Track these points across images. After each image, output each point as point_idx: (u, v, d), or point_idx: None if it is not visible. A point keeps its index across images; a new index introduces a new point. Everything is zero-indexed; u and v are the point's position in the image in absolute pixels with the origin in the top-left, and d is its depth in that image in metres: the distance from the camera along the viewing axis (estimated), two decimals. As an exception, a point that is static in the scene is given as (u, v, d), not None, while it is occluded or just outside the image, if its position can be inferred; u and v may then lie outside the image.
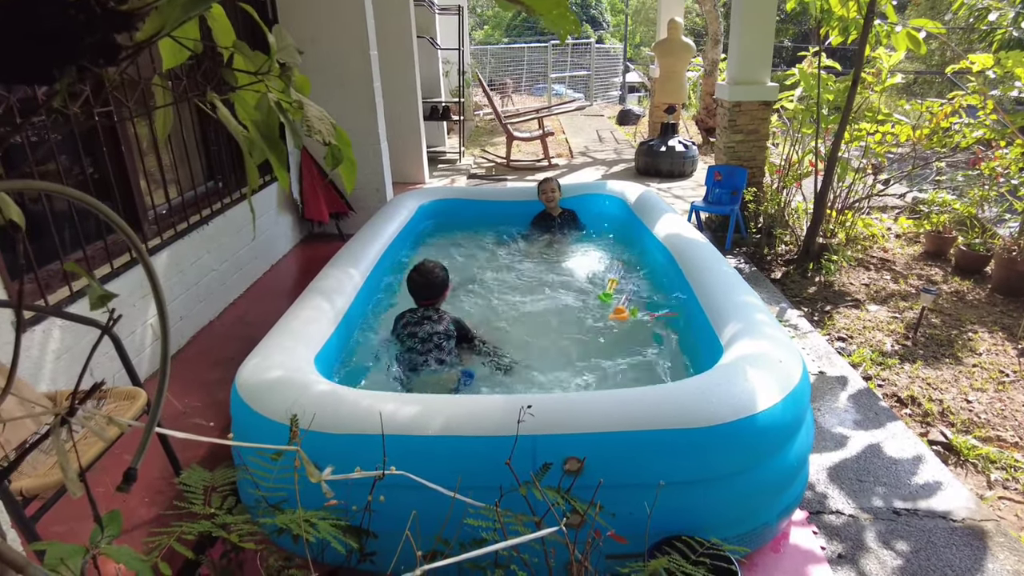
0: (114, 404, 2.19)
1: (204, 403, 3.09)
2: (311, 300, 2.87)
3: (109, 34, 0.89)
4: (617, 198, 4.87)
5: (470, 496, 1.81)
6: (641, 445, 1.87)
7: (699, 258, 3.30)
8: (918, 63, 15.57)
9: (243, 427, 2.22)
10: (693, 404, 1.93)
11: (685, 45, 8.47)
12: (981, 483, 2.72)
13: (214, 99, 1.17)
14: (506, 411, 1.91)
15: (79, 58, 0.88)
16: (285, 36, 1.22)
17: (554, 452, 1.85)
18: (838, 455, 2.75)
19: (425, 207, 4.86)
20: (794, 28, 23.09)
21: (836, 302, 4.39)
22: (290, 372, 2.21)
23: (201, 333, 3.78)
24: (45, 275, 2.79)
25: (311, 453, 1.97)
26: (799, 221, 5.41)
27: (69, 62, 0.87)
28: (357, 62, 5.03)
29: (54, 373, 2.66)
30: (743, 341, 2.34)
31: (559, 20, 1.03)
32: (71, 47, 0.86)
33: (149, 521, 2.38)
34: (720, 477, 1.95)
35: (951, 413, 3.16)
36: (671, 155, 7.64)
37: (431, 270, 3.01)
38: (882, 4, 4.41)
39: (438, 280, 3.01)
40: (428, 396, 2.12)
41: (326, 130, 1.31)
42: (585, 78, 16.98)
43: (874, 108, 5.17)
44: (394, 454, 1.84)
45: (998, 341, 3.84)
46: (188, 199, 3.84)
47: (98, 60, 0.91)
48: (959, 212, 5.26)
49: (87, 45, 0.88)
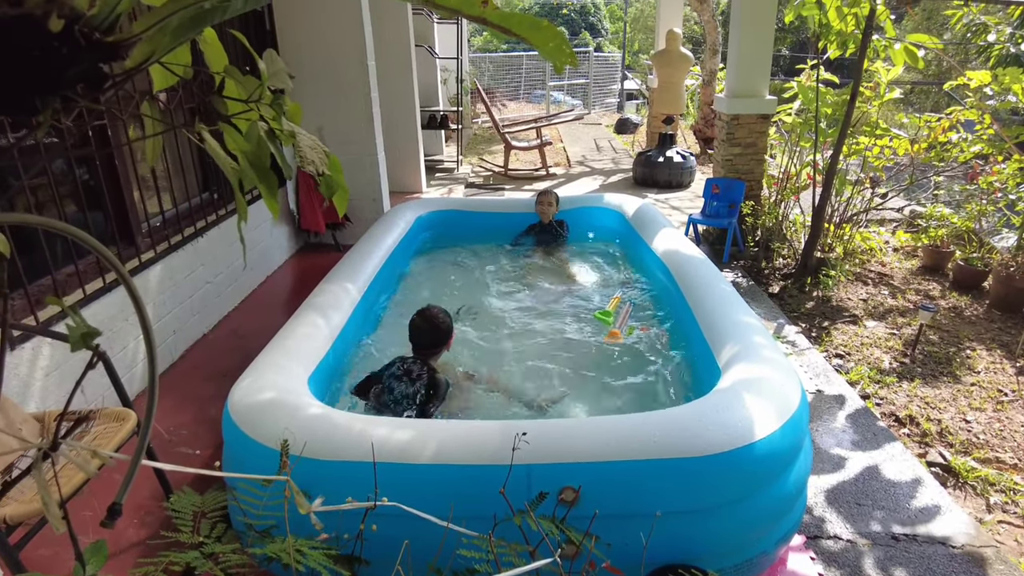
0: (103, 426, 2.15)
1: (196, 419, 3.05)
2: (307, 317, 2.84)
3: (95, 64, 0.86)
4: (615, 211, 4.85)
5: (463, 525, 1.78)
6: (638, 475, 1.85)
7: (698, 276, 3.28)
8: (914, 73, 15.62)
9: (234, 450, 2.19)
10: (690, 432, 1.90)
11: (683, 56, 8.48)
12: (980, 506, 2.70)
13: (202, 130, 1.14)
14: (501, 438, 1.88)
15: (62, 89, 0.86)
16: (276, 60, 1.20)
17: (549, 481, 1.82)
18: (836, 477, 2.73)
19: (422, 219, 4.84)
20: (791, 37, 23.16)
21: (834, 318, 4.37)
22: (283, 394, 2.18)
23: (194, 347, 3.75)
24: (36, 291, 2.75)
25: (303, 479, 1.94)
26: (797, 235, 5.40)
27: (52, 93, 0.84)
28: (354, 71, 5.01)
29: (43, 391, 2.62)
30: (741, 364, 2.32)
31: (556, 53, 1.01)
32: (54, 79, 0.83)
33: (138, 543, 2.35)
34: (717, 506, 1.93)
35: (950, 433, 3.14)
36: (669, 166, 7.63)
37: (435, 316, 2.75)
38: (881, 19, 4.41)
39: (441, 329, 2.74)
40: (421, 421, 2.09)
41: (319, 160, 1.29)
42: (583, 86, 17.00)
43: (872, 122, 5.17)
44: (386, 482, 1.81)
45: (996, 359, 3.82)
46: (182, 211, 3.81)
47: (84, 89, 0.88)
48: (957, 226, 5.25)
49: (72, 75, 0.85)
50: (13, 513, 1.71)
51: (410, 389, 2.58)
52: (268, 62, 1.18)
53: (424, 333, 2.73)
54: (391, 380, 2.63)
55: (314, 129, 5.15)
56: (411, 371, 2.63)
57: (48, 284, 2.78)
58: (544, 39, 1.01)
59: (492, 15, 0.95)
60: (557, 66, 1.03)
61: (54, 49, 0.79)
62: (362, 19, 4.90)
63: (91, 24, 0.82)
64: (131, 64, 0.93)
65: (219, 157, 1.14)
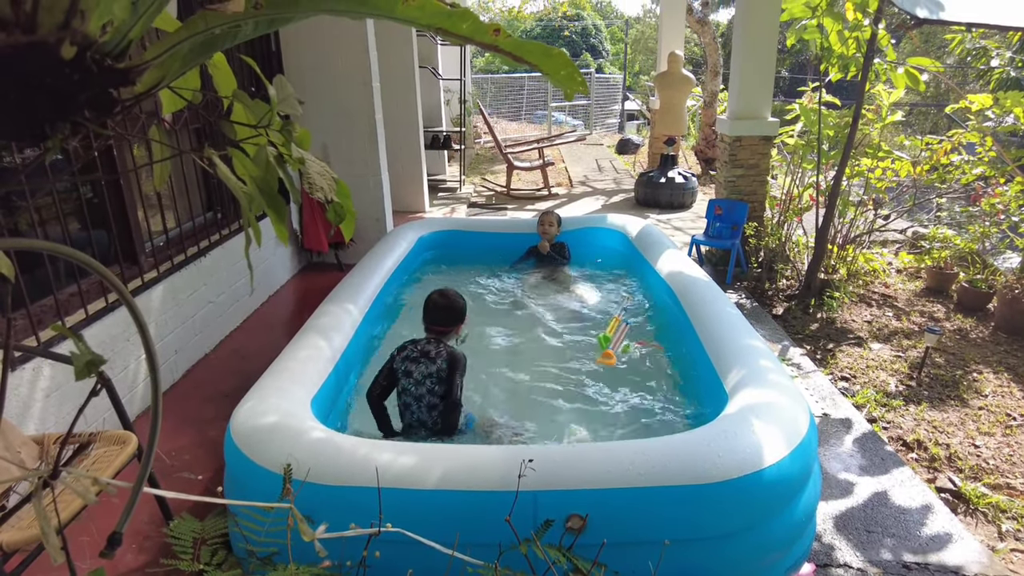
0: (103, 449, 2.12)
1: (196, 441, 3.02)
2: (308, 339, 2.82)
3: (105, 90, 0.86)
4: (618, 232, 4.85)
5: (468, 553, 1.75)
6: (646, 502, 1.82)
7: (703, 298, 3.27)
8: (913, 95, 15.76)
9: (236, 474, 2.16)
10: (699, 459, 1.87)
11: (685, 78, 8.55)
12: (992, 533, 2.65)
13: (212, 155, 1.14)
14: (506, 464, 1.85)
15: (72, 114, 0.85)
16: (286, 86, 1.19)
17: (556, 508, 1.79)
18: (845, 503, 2.69)
19: (424, 239, 4.84)
20: (791, 59, 23.39)
21: (839, 340, 4.34)
22: (285, 417, 2.16)
23: (196, 367, 3.72)
24: (38, 310, 2.74)
25: (306, 505, 1.92)
26: (800, 256, 5.40)
27: (61, 119, 0.84)
28: (359, 93, 5.05)
29: (43, 412, 2.60)
30: (748, 389, 2.29)
31: (567, 80, 1.01)
32: (64, 105, 0.82)
33: (137, 569, 2.30)
34: (726, 534, 1.89)
35: (959, 458, 3.10)
36: (671, 187, 7.65)
37: (454, 296, 2.90)
38: (882, 43, 4.45)
39: (458, 307, 2.87)
40: (426, 446, 2.06)
41: (328, 187, 1.28)
42: (585, 106, 17.13)
43: (874, 144, 5.18)
44: (391, 507, 1.78)
45: (1004, 382, 3.79)
46: (186, 230, 3.81)
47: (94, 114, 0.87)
48: (960, 248, 5.25)
49: (82, 101, 0.85)
50: (10, 540, 1.68)
51: (431, 368, 2.69)
52: (278, 88, 1.18)
53: (441, 310, 2.84)
54: (407, 363, 2.73)
55: (319, 148, 5.17)
56: (428, 351, 2.73)
57: (50, 304, 2.77)
58: (556, 67, 1.01)
59: (504, 43, 0.95)
60: (567, 93, 1.03)
61: (65, 76, 0.79)
62: (367, 41, 4.94)
63: (103, 51, 0.82)
64: (141, 89, 0.92)
65: (230, 181, 1.13)
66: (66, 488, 1.77)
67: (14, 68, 0.71)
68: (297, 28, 4.89)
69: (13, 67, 0.71)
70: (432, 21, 0.91)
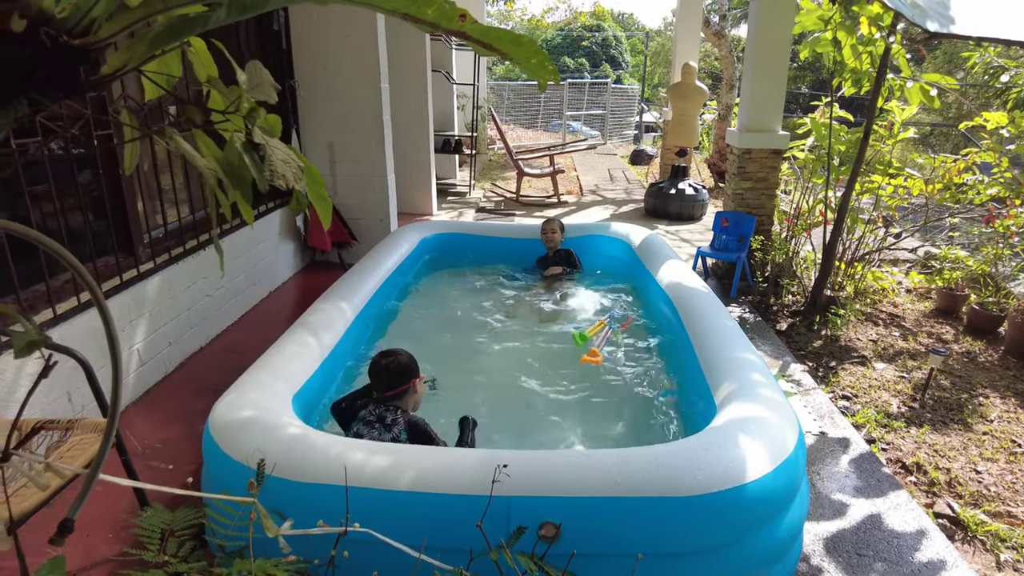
0: (80, 437, 2.11)
1: (183, 434, 3.00)
2: (297, 335, 2.80)
3: (65, 68, 0.84)
4: (621, 240, 4.81)
5: (438, 558, 1.70)
6: (621, 512, 1.77)
7: (700, 309, 3.21)
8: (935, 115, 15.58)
9: (212, 467, 2.14)
10: (678, 470, 1.82)
11: (698, 89, 8.50)
12: (989, 563, 2.56)
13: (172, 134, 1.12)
14: (481, 468, 1.81)
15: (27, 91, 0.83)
16: (261, 72, 1.17)
17: (530, 515, 1.75)
18: (836, 525, 2.61)
19: (428, 240, 4.83)
20: (812, 76, 23.26)
21: (842, 358, 4.26)
22: (263, 412, 2.14)
23: (189, 360, 3.72)
24: (30, 296, 2.75)
25: (277, 500, 1.89)
26: (807, 272, 5.31)
27: (16, 95, 0.82)
28: (368, 94, 5.05)
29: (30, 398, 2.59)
30: (737, 402, 2.24)
31: (538, 69, 0.98)
32: (17, 81, 0.80)
33: (112, 558, 2.29)
34: (704, 549, 1.84)
35: (959, 484, 3.01)
36: (680, 198, 7.60)
37: (398, 354, 2.56)
38: (896, 58, 4.38)
39: (404, 366, 2.53)
40: (401, 447, 2.03)
41: (291, 175, 1.25)
42: (601, 116, 17.11)
43: (886, 160, 5.10)
44: (361, 508, 1.75)
45: (1010, 408, 3.69)
46: (186, 223, 3.82)
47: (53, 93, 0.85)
48: (972, 269, 5.14)
49: (39, 78, 0.82)
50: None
51: (386, 436, 2.36)
52: (251, 73, 1.16)
53: (386, 372, 2.51)
54: (361, 425, 2.42)
55: (324, 145, 5.19)
56: (384, 417, 2.42)
57: (41, 291, 2.77)
58: (526, 55, 0.98)
59: (471, 29, 0.92)
60: (540, 83, 1.00)
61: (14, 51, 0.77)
62: (377, 43, 4.95)
63: (61, 27, 0.79)
64: (108, 71, 0.90)
65: (194, 159, 1.12)
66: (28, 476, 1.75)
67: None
68: (308, 28, 4.91)
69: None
70: (396, 6, 0.88)
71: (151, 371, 3.40)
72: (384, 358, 2.54)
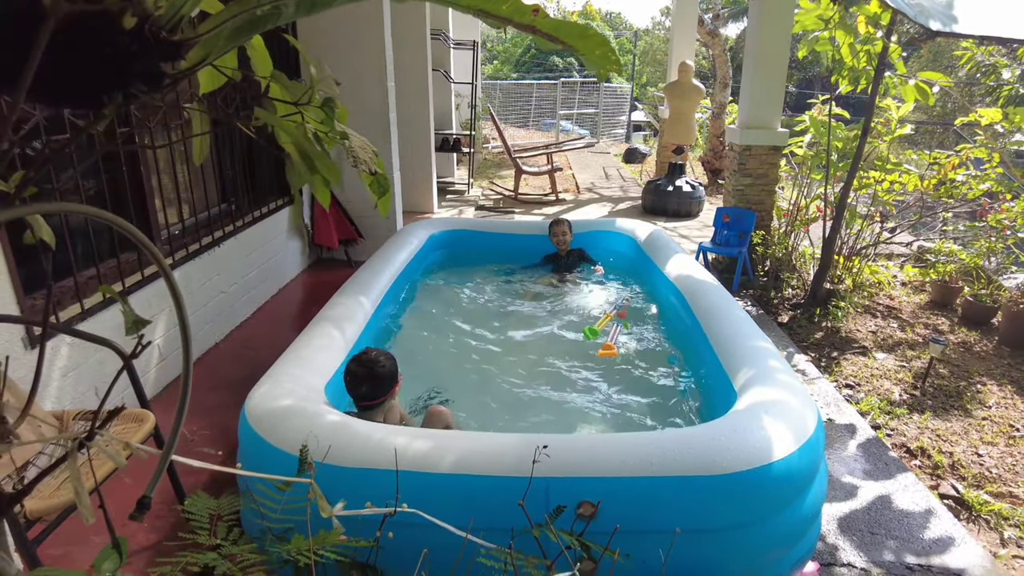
0: (122, 426, 2.16)
1: (205, 426, 3.05)
2: (322, 328, 2.85)
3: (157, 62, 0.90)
4: (627, 236, 4.89)
5: (481, 537, 1.77)
6: (657, 491, 1.84)
7: (711, 301, 3.30)
8: (919, 113, 15.80)
9: (251, 455, 2.18)
10: (709, 451, 1.90)
11: (695, 87, 8.60)
12: (994, 540, 2.67)
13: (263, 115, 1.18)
14: (520, 450, 1.88)
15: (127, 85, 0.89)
16: (324, 68, 1.24)
17: (568, 495, 1.82)
18: (848, 505, 2.71)
19: (436, 237, 4.88)
20: (798, 75, 23.51)
21: (843, 348, 4.37)
22: (301, 401, 2.19)
23: (206, 356, 3.76)
24: (57, 291, 2.78)
25: (321, 485, 1.95)
26: (806, 266, 5.43)
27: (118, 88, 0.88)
28: (374, 92, 5.10)
29: (60, 391, 2.63)
30: (757, 387, 2.32)
31: (602, 60, 1.04)
32: (122, 74, 0.87)
33: (148, 548, 2.33)
34: (735, 526, 1.92)
35: (962, 466, 3.12)
36: (678, 195, 7.70)
37: (375, 360, 2.39)
38: (893, 57, 4.50)
39: (382, 374, 2.38)
40: (441, 432, 2.09)
41: (370, 160, 1.33)
42: (592, 115, 17.22)
43: (883, 157, 5.23)
44: (405, 490, 1.81)
45: (1007, 395, 3.82)
46: (201, 220, 3.86)
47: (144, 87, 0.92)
48: (965, 263, 5.28)
49: (137, 71, 0.89)
50: (35, 508, 1.71)
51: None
52: (317, 68, 1.23)
53: (363, 381, 2.36)
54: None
55: (334, 144, 5.22)
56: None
57: (69, 285, 2.81)
58: (591, 47, 1.04)
59: (542, 24, 0.99)
60: (601, 73, 1.06)
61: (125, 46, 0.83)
62: (384, 42, 5.00)
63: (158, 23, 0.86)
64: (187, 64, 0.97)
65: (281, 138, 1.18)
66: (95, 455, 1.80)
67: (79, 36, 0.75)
68: (316, 28, 4.95)
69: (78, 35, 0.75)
70: (472, 3, 0.95)
71: (172, 365, 3.44)
72: (362, 367, 2.35)
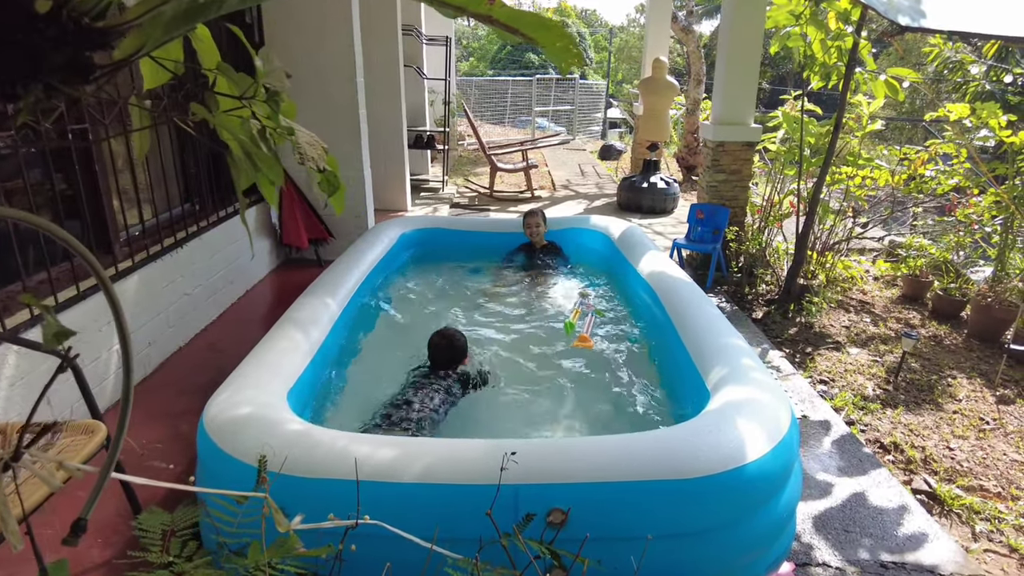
0: (70, 439, 2.05)
1: (167, 435, 2.94)
2: (285, 331, 2.76)
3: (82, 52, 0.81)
4: (600, 233, 4.85)
5: (448, 548, 1.71)
6: (628, 496, 1.80)
7: (684, 298, 3.27)
8: (890, 109, 16.04)
9: (209, 466, 2.09)
10: (682, 454, 1.86)
11: (669, 84, 8.61)
12: (966, 534, 2.68)
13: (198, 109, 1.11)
14: (488, 457, 1.82)
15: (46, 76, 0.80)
16: (273, 59, 1.16)
17: (538, 502, 1.77)
18: (823, 503, 2.70)
19: (407, 235, 4.79)
20: (771, 71, 23.72)
21: (817, 344, 4.38)
22: (261, 409, 2.10)
23: (169, 360, 3.63)
24: (4, 296, 2.65)
25: (281, 497, 1.86)
26: (780, 262, 5.44)
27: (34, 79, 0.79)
28: (343, 88, 4.99)
29: (7, 402, 2.51)
30: (730, 387, 2.29)
31: (563, 53, 0.98)
32: (37, 64, 0.78)
33: (103, 564, 2.23)
34: (708, 529, 1.88)
35: (934, 461, 3.13)
36: (653, 191, 7.70)
37: (453, 335, 2.98)
38: (862, 53, 4.51)
39: (459, 344, 2.97)
40: (407, 439, 2.02)
41: (319, 156, 1.25)
42: (568, 112, 17.19)
43: (854, 153, 5.26)
44: (369, 501, 1.74)
45: (976, 388, 3.85)
46: (163, 220, 3.73)
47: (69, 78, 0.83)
48: (935, 257, 5.34)
49: (57, 62, 0.80)
50: (-32, 529, 1.60)
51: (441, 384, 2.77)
52: (264, 60, 1.14)
53: (444, 351, 2.93)
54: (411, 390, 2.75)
55: (300, 143, 5.10)
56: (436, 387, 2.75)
57: (17, 290, 2.68)
58: (552, 39, 0.98)
59: (499, 13, 0.92)
60: (563, 67, 1.00)
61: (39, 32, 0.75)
62: (352, 36, 4.89)
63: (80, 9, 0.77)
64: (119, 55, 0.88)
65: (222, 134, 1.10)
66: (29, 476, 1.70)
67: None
68: (281, 21, 4.83)
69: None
70: (424, -11, 0.88)
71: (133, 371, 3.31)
72: (445, 339, 2.95)
